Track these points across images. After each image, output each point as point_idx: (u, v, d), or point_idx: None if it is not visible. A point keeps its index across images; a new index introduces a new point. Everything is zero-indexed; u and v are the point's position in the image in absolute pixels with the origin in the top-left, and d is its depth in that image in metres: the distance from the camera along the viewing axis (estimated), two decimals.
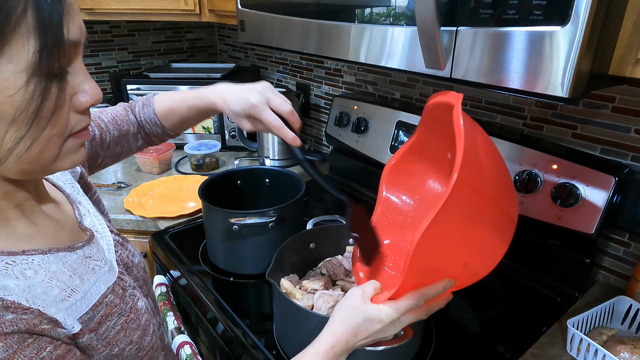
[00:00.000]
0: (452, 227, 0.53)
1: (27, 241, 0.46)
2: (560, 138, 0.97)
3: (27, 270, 0.43)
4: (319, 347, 0.56)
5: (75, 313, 0.46)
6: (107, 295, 0.51)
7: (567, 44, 0.51)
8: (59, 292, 0.45)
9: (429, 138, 0.71)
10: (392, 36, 0.72)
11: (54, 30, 0.38)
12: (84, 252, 0.51)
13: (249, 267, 0.97)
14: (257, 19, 1.02)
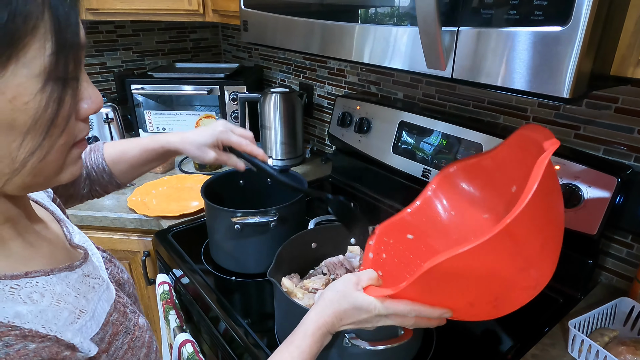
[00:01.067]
0: (477, 267, 0.50)
1: (26, 263, 0.43)
2: (563, 139, 0.97)
3: (34, 294, 0.41)
4: (307, 327, 0.58)
5: (87, 335, 0.44)
6: (112, 314, 0.50)
7: (568, 44, 0.51)
8: (68, 314, 0.43)
9: (504, 161, 0.70)
10: (395, 36, 0.72)
11: (71, 32, 0.37)
12: (83, 270, 0.49)
13: (251, 266, 0.97)
14: (260, 19, 1.02)
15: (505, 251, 0.49)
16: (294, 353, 0.56)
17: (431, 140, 1.12)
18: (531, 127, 0.64)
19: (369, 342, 0.64)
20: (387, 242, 0.74)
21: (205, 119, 1.67)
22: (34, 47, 0.35)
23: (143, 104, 1.66)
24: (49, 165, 0.40)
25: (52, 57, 0.36)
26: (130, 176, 0.83)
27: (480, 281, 0.53)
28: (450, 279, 0.52)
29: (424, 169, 1.13)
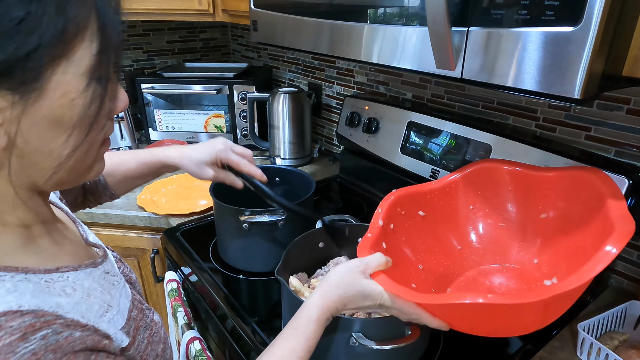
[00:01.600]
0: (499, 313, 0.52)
1: (54, 259, 0.44)
2: (574, 140, 0.96)
3: (66, 288, 0.42)
4: (312, 312, 0.57)
5: (117, 327, 0.46)
6: (132, 310, 0.51)
7: (580, 45, 0.51)
8: (98, 307, 0.44)
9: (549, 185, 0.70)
10: (404, 36, 0.72)
11: (114, 33, 0.39)
12: (104, 267, 0.51)
13: (259, 265, 0.98)
14: (269, 19, 1.03)
15: (532, 311, 0.52)
16: (300, 339, 0.56)
17: (440, 140, 1.11)
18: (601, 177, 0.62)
19: (376, 342, 0.64)
20: (399, 212, 0.72)
21: (214, 118, 1.68)
22: (82, 47, 0.37)
23: (152, 103, 1.67)
24: (84, 162, 0.42)
25: (96, 57, 0.37)
26: (124, 188, 0.82)
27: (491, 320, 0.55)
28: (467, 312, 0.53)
29: (432, 170, 1.12)
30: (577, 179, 0.66)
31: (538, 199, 0.71)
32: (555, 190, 0.69)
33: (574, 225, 0.65)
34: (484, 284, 0.73)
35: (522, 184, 0.74)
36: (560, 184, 0.68)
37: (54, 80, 0.36)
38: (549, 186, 0.70)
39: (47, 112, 0.36)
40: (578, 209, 0.65)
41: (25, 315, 0.35)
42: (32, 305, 0.36)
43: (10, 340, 0.33)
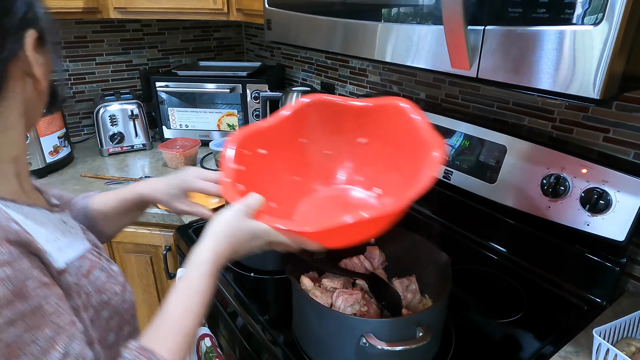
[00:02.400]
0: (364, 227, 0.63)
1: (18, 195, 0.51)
2: (591, 142, 0.94)
3: (19, 214, 0.48)
4: (204, 267, 0.57)
5: (64, 256, 0.50)
6: (89, 253, 0.56)
7: (600, 44, 0.50)
8: (47, 233, 0.50)
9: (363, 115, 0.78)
10: (419, 35, 0.71)
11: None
12: (61, 217, 0.57)
13: (270, 264, 0.98)
14: (283, 17, 1.03)
15: (394, 217, 0.62)
16: (196, 298, 0.55)
17: (453, 141, 1.10)
18: (413, 110, 0.71)
19: (386, 343, 0.63)
20: (245, 154, 0.74)
21: (227, 117, 1.69)
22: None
23: (166, 101, 1.69)
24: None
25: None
26: (112, 228, 0.80)
27: (358, 232, 0.65)
28: (342, 231, 0.61)
29: (446, 170, 1.11)
30: (386, 108, 0.75)
31: (355, 126, 0.80)
32: (371, 119, 0.78)
33: (394, 145, 0.76)
34: (336, 206, 0.82)
35: (339, 114, 0.80)
36: (373, 113, 0.77)
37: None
38: (363, 114, 0.78)
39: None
40: (393, 132, 0.75)
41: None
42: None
43: None
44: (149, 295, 1.43)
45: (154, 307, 1.43)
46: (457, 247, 1.08)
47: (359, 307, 0.73)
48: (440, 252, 0.78)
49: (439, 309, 0.72)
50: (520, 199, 0.96)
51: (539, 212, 0.93)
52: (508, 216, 1.01)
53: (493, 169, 1.01)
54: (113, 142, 1.62)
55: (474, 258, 1.04)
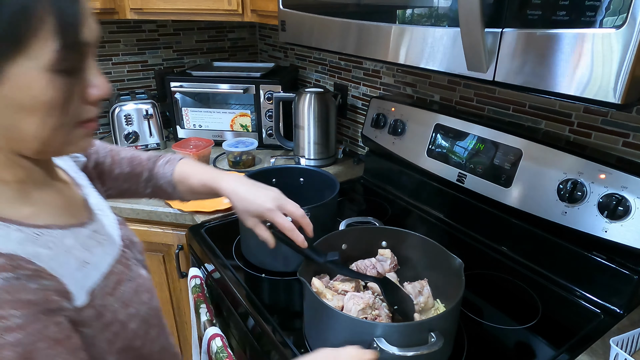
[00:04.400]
0: None
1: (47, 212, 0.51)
2: (610, 146, 0.92)
3: (50, 243, 0.47)
4: None
5: (87, 283, 0.50)
6: (116, 266, 0.56)
7: (622, 47, 0.48)
8: (75, 262, 0.49)
9: None
10: (433, 37, 0.71)
11: (73, 33, 0.42)
12: (92, 227, 0.56)
13: (281, 265, 0.98)
14: (297, 19, 1.03)
15: None
16: None
17: (467, 144, 1.09)
18: None
19: (398, 348, 0.63)
20: None
21: (240, 117, 1.70)
22: (39, 44, 0.40)
23: (180, 101, 1.70)
24: (57, 140, 0.47)
25: (57, 52, 0.41)
26: (190, 197, 0.86)
27: None
28: None
29: (459, 174, 1.10)
30: None
31: None
32: None
33: None
34: None
35: None
36: None
37: (12, 73, 0.40)
38: None
39: (10, 99, 0.42)
40: None
41: (1, 257, 0.41)
42: (11, 250, 0.42)
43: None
44: (160, 294, 1.44)
45: (166, 305, 1.44)
46: (470, 251, 1.07)
47: (370, 310, 0.73)
48: (454, 256, 0.78)
49: (452, 314, 0.71)
50: (535, 204, 0.95)
51: (554, 217, 0.91)
52: (523, 221, 1.00)
53: (508, 172, 1.00)
54: (128, 141, 1.64)
55: (487, 263, 1.03)
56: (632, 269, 0.85)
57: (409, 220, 1.22)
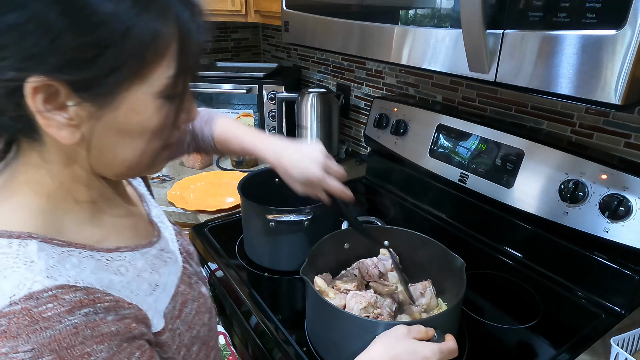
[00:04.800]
0: None
1: (116, 234, 0.49)
2: (612, 147, 0.92)
3: (121, 267, 0.47)
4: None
5: (160, 306, 0.49)
6: (180, 286, 0.55)
7: (622, 49, 0.49)
8: (147, 287, 0.48)
9: None
10: (436, 38, 0.71)
11: (191, 60, 0.43)
12: (160, 245, 0.55)
13: (284, 264, 0.98)
14: (300, 19, 1.03)
15: None
16: None
17: (469, 144, 1.09)
18: None
19: None
20: None
21: (243, 117, 1.71)
22: (159, 71, 0.41)
23: None
24: (144, 163, 0.46)
25: (171, 79, 0.42)
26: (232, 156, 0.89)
27: None
28: None
29: (461, 174, 1.10)
30: None
31: None
32: None
33: None
34: None
35: None
36: None
37: (126, 97, 0.40)
38: None
39: (116, 122, 0.41)
40: None
41: (78, 291, 0.39)
42: (87, 283, 0.41)
43: (60, 311, 0.37)
44: None
45: None
46: (472, 251, 1.07)
47: (372, 309, 0.73)
48: (455, 256, 0.78)
49: (453, 313, 0.72)
50: (537, 204, 0.95)
51: (556, 217, 0.92)
52: (524, 221, 1.00)
53: (510, 173, 1.00)
54: None
55: (489, 263, 1.03)
56: (633, 269, 0.85)
57: (411, 220, 1.23)
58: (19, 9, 0.35)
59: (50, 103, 0.38)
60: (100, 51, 0.37)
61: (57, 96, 0.38)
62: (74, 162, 0.44)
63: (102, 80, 0.38)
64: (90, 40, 0.36)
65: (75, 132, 0.41)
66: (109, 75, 0.38)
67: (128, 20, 0.37)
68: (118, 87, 0.39)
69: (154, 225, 0.59)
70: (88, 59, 0.37)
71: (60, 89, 0.38)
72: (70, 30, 0.36)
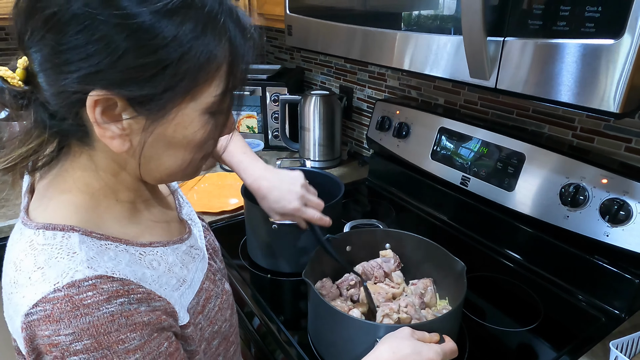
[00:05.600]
0: None
1: (150, 232, 0.53)
2: (613, 152, 0.93)
3: (153, 262, 0.49)
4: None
5: (184, 302, 0.51)
6: (204, 282, 0.57)
7: (621, 58, 0.50)
8: (175, 282, 0.51)
9: None
10: (437, 44, 0.72)
11: (239, 79, 0.45)
12: (189, 242, 0.58)
13: (286, 266, 1.00)
14: (304, 24, 1.04)
15: None
16: None
17: (471, 147, 1.10)
18: None
19: None
20: None
21: (246, 119, 1.72)
22: (208, 90, 0.43)
23: None
24: (183, 171, 0.50)
25: (218, 97, 0.44)
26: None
27: None
28: None
29: (463, 177, 1.11)
30: None
31: None
32: None
33: None
34: None
35: None
36: None
37: (176, 112, 0.43)
38: None
39: (164, 135, 0.44)
40: None
41: (115, 282, 0.42)
42: (122, 274, 0.43)
43: (99, 299, 0.40)
44: None
45: None
46: (473, 254, 1.08)
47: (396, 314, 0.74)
48: (457, 259, 0.79)
49: (454, 316, 0.73)
50: (538, 208, 0.96)
51: (557, 221, 0.92)
52: (526, 224, 1.01)
53: (511, 176, 1.01)
54: None
55: (490, 265, 1.04)
56: (634, 273, 0.86)
57: (413, 222, 1.23)
58: (88, 30, 0.37)
59: (107, 115, 0.41)
60: (159, 71, 0.40)
61: (114, 109, 0.41)
62: (120, 167, 0.48)
63: (158, 97, 0.41)
64: (151, 61, 0.39)
65: (126, 141, 0.44)
66: (164, 93, 0.41)
67: (187, 43, 0.40)
68: (170, 104, 0.42)
69: (185, 223, 0.62)
70: (147, 77, 0.40)
71: (118, 103, 0.41)
72: (134, 51, 0.39)
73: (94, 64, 0.38)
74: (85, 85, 0.40)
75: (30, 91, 0.44)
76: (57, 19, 0.38)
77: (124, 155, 0.46)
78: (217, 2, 0.42)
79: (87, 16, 0.37)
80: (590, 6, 0.51)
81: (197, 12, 0.40)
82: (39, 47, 0.40)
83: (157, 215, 0.56)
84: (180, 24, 0.39)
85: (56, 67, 0.40)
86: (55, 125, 0.45)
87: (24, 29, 0.40)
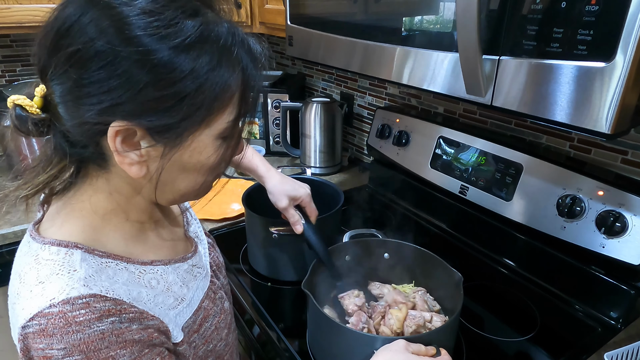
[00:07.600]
0: None
1: (154, 251, 0.54)
2: (609, 163, 0.94)
3: (152, 280, 0.51)
4: None
5: (180, 320, 0.53)
6: (204, 301, 0.58)
7: (612, 81, 0.51)
8: (172, 301, 0.52)
9: None
10: (435, 61, 0.73)
11: (250, 107, 0.47)
12: (192, 261, 0.59)
13: (286, 274, 1.01)
14: (304, 35, 1.06)
15: None
16: None
17: (470, 157, 1.11)
18: None
19: None
20: None
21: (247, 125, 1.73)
22: (222, 118, 0.46)
23: None
24: (195, 192, 0.52)
25: (231, 123, 0.47)
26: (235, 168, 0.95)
27: None
28: None
29: (462, 186, 1.12)
30: None
31: None
32: None
33: None
34: None
35: None
36: None
37: (192, 140, 0.45)
38: None
39: (180, 160, 0.46)
40: None
41: (107, 301, 0.43)
42: (116, 294, 0.45)
43: (91, 317, 0.42)
44: None
45: None
46: (471, 262, 1.09)
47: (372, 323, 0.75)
48: (454, 270, 0.80)
49: (451, 328, 0.74)
50: (535, 218, 0.97)
51: (554, 231, 0.93)
52: (523, 234, 1.02)
53: (509, 186, 1.02)
54: None
55: (488, 274, 1.05)
56: (629, 284, 0.86)
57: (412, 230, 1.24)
58: (110, 66, 0.39)
59: (126, 143, 0.44)
60: (177, 102, 0.42)
61: (134, 137, 0.44)
62: (135, 191, 0.50)
63: (175, 126, 0.43)
64: (169, 93, 0.41)
65: (143, 167, 0.46)
66: (182, 122, 0.43)
67: (203, 75, 0.42)
68: (187, 132, 0.44)
69: (191, 240, 0.63)
70: (166, 108, 0.42)
71: (137, 132, 0.43)
72: (153, 84, 0.40)
73: (115, 97, 0.40)
74: (106, 117, 0.42)
75: (49, 118, 0.45)
76: (80, 56, 0.40)
77: (140, 180, 0.48)
78: (230, 35, 0.44)
79: (109, 53, 0.39)
80: (582, 29, 0.52)
81: (212, 46, 0.42)
82: (62, 80, 0.42)
83: (164, 234, 0.57)
84: (197, 57, 0.41)
85: (78, 100, 0.42)
86: (76, 153, 0.47)
87: (48, 62, 0.42)
